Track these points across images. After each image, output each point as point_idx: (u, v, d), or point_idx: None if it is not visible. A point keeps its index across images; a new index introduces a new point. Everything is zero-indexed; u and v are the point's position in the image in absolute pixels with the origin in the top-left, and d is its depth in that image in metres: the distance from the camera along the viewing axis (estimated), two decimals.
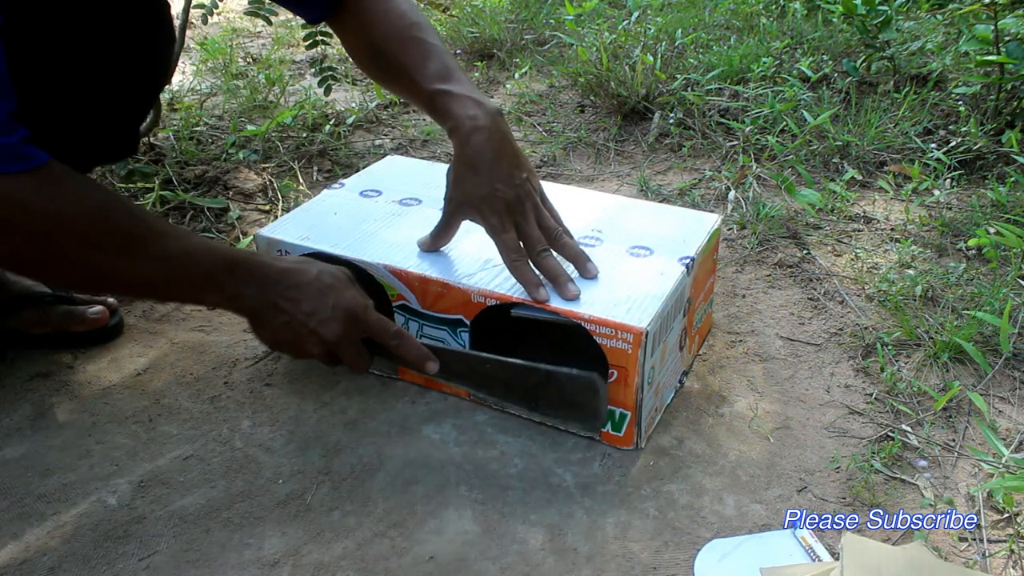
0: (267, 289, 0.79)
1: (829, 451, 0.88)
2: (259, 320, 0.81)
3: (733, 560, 0.75)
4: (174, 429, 0.93)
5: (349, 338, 0.81)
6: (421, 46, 0.91)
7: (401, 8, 0.94)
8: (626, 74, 1.74)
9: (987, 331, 1.02)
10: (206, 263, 0.77)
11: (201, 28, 2.52)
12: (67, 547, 0.78)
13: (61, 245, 0.71)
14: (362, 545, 0.78)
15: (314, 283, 0.80)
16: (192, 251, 0.77)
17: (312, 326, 0.79)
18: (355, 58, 1.00)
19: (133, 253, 0.74)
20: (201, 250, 0.77)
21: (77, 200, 0.72)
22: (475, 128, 0.85)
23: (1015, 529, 0.78)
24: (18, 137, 0.68)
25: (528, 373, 0.83)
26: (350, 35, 0.98)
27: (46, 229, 0.70)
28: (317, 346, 0.80)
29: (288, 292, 0.79)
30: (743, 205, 1.39)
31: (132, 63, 0.87)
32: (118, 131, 0.93)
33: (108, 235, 0.73)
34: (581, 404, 0.83)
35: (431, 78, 0.89)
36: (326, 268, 0.82)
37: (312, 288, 0.79)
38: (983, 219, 1.27)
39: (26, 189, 0.68)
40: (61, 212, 0.70)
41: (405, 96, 0.96)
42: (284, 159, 1.59)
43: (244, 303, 0.80)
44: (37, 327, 1.04)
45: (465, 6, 2.39)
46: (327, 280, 0.81)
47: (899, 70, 1.75)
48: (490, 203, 0.86)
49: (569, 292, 0.85)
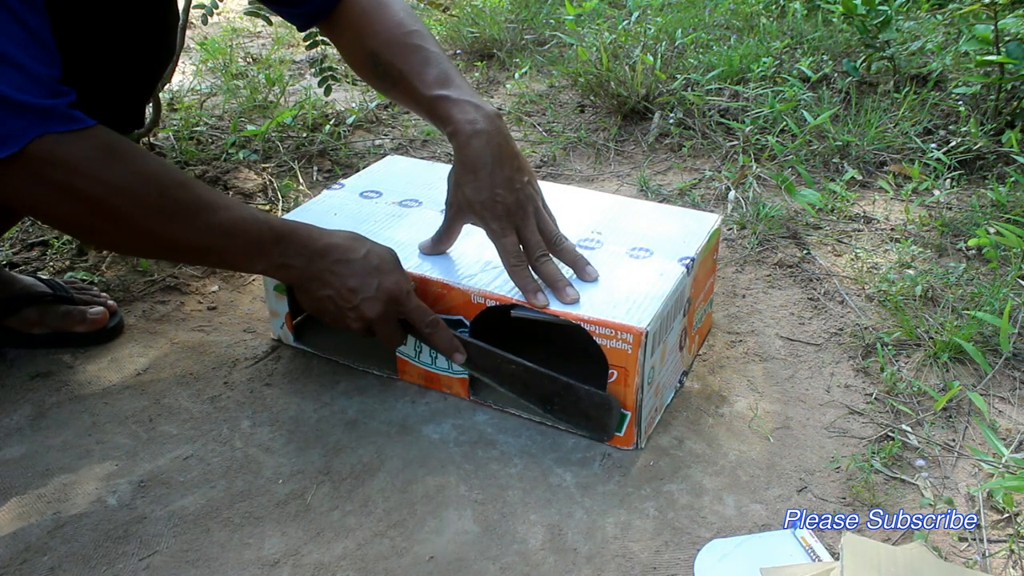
0: (313, 262, 0.84)
1: (829, 451, 0.88)
2: (303, 289, 0.86)
3: (733, 560, 0.75)
4: (174, 429, 0.93)
5: (387, 318, 0.86)
6: (420, 53, 0.92)
7: (399, 16, 0.94)
8: (626, 74, 1.75)
9: (987, 331, 1.02)
10: (255, 233, 0.81)
11: (201, 28, 2.51)
12: (67, 547, 0.78)
13: (117, 210, 0.74)
14: (362, 545, 0.78)
15: (362, 262, 0.84)
16: (242, 221, 0.81)
17: (355, 303, 0.84)
18: (353, 66, 1.00)
19: (186, 222, 0.78)
20: (250, 220, 0.81)
21: (133, 167, 0.75)
22: (475, 132, 0.86)
23: (1015, 529, 0.78)
24: (65, 101, 0.71)
25: (549, 380, 0.87)
26: (347, 43, 0.99)
27: (104, 194, 0.73)
28: (356, 321, 0.85)
29: (335, 267, 0.84)
30: (743, 205, 1.39)
31: (142, 36, 0.90)
32: (127, 103, 0.95)
33: (162, 202, 0.76)
34: (593, 418, 0.87)
35: (431, 84, 0.90)
36: (375, 248, 0.86)
37: (359, 266, 0.84)
38: (983, 219, 1.27)
39: (82, 154, 0.71)
40: (118, 178, 0.73)
41: (405, 103, 0.96)
42: (284, 159, 1.59)
43: (290, 273, 0.84)
44: (37, 327, 1.04)
45: (465, 6, 2.39)
46: (374, 261, 0.85)
47: (899, 70, 1.75)
48: (491, 207, 0.86)
49: (568, 296, 0.86)
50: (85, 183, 0.72)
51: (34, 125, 0.68)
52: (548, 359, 0.89)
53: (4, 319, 1.04)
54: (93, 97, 0.82)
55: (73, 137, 0.71)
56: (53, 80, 0.70)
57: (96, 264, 1.24)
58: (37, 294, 1.05)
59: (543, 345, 0.94)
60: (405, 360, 0.98)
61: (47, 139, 0.69)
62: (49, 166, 0.70)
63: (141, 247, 0.85)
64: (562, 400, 0.87)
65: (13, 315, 1.04)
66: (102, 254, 1.26)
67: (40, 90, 0.69)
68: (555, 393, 0.87)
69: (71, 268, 1.23)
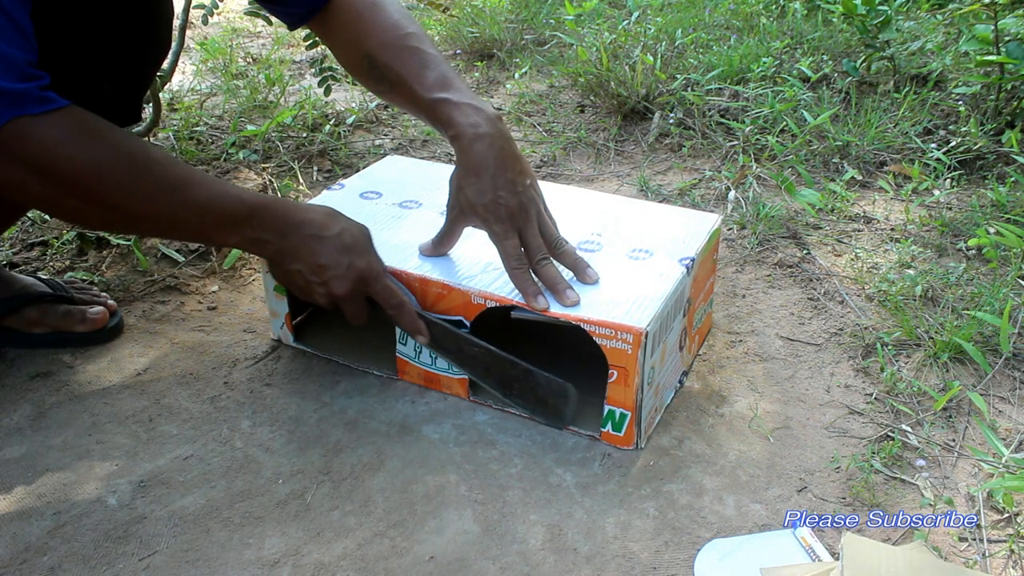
0: (286, 236, 0.85)
1: (829, 451, 0.88)
2: (275, 262, 0.87)
3: (733, 560, 0.75)
4: (174, 429, 0.93)
5: (354, 296, 0.87)
6: (417, 55, 0.92)
7: (394, 18, 0.94)
8: (626, 74, 1.75)
9: (987, 331, 1.02)
10: (229, 208, 0.82)
11: (201, 28, 2.52)
12: (67, 547, 0.78)
13: (91, 187, 0.75)
14: (362, 545, 0.78)
15: (335, 240, 0.85)
16: (216, 197, 0.81)
17: (324, 279, 0.85)
18: (349, 69, 1.00)
19: (160, 197, 0.78)
20: (224, 195, 0.82)
21: (106, 144, 0.76)
22: (477, 136, 0.86)
23: (1015, 529, 0.78)
24: (38, 84, 0.71)
25: (509, 365, 0.88)
26: (341, 45, 0.98)
27: (78, 171, 0.74)
28: (324, 297, 0.87)
29: (308, 242, 0.85)
30: (743, 205, 1.39)
31: (129, 25, 0.91)
32: (121, 96, 0.96)
33: (136, 179, 0.77)
34: (550, 405, 0.89)
35: (430, 87, 0.90)
36: (349, 227, 0.87)
37: (332, 244, 0.85)
38: (983, 219, 1.27)
39: (56, 133, 0.72)
40: (92, 156, 0.74)
41: (403, 106, 0.96)
42: (284, 159, 1.59)
43: (264, 247, 0.85)
44: (37, 326, 1.04)
45: (465, 6, 2.39)
46: (347, 240, 0.86)
47: (899, 70, 1.75)
48: (494, 210, 0.86)
49: (568, 299, 0.86)
50: (59, 162, 0.73)
51: (8, 109, 0.69)
52: (548, 359, 0.89)
53: (4, 319, 1.04)
54: (81, 86, 0.83)
55: (47, 118, 0.71)
56: (29, 65, 0.71)
57: (96, 264, 1.24)
58: (37, 294, 1.05)
59: (543, 345, 0.94)
60: (405, 360, 0.98)
61: (21, 121, 0.70)
62: (24, 147, 0.71)
63: (117, 223, 0.86)
64: (521, 385, 0.89)
65: (13, 314, 1.04)
66: (102, 254, 1.26)
67: (13, 75, 0.70)
68: (515, 378, 0.89)
69: (71, 268, 1.23)
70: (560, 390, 0.87)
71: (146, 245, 1.28)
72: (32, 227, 1.33)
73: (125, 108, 0.97)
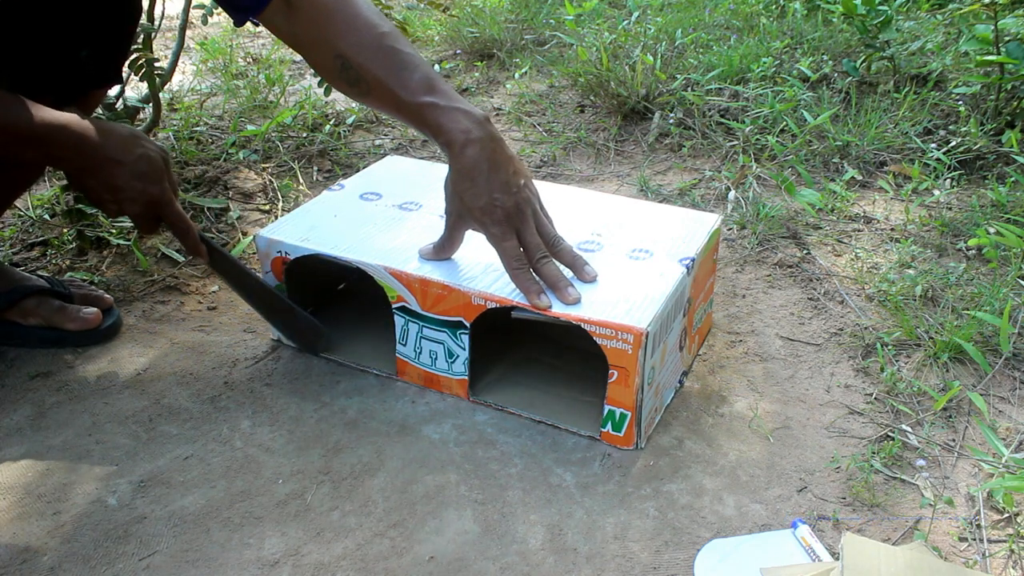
0: (85, 157, 0.87)
1: (829, 451, 0.88)
2: (75, 178, 0.91)
3: (733, 560, 0.75)
4: (174, 429, 0.93)
5: (144, 217, 0.92)
6: (397, 56, 0.89)
7: (367, 16, 0.90)
8: (626, 74, 1.75)
9: (987, 331, 1.02)
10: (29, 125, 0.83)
11: (201, 28, 2.52)
12: (67, 547, 0.78)
13: None
14: (362, 545, 0.78)
15: (131, 165, 0.89)
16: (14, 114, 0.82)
17: (117, 199, 0.90)
18: (318, 69, 0.97)
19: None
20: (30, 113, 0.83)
21: None
22: (469, 141, 0.85)
23: (1015, 529, 0.78)
24: None
25: (277, 300, 1.01)
26: (310, 45, 0.93)
27: None
28: (115, 213, 0.92)
29: (105, 165, 0.88)
30: (743, 205, 1.39)
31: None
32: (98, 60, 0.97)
33: None
34: (307, 337, 1.04)
35: (415, 91, 0.88)
36: (147, 152, 0.90)
37: (128, 170, 0.89)
38: (983, 219, 1.27)
39: None
40: None
41: (383, 109, 0.93)
42: (284, 159, 1.59)
43: (63, 164, 0.90)
44: (31, 316, 1.06)
45: (465, 6, 2.39)
46: (143, 167, 0.89)
47: (899, 70, 1.75)
48: (490, 213, 0.86)
49: (569, 297, 0.86)
50: None
51: None
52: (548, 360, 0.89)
53: (5, 312, 1.04)
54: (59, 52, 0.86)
55: None
56: None
57: (96, 264, 1.24)
58: (35, 286, 1.06)
59: (545, 344, 0.94)
60: (405, 360, 0.98)
61: None
62: None
63: None
64: (284, 316, 1.03)
65: (13, 308, 1.05)
66: (102, 254, 1.26)
67: None
68: (281, 310, 1.02)
69: (71, 268, 1.23)
70: (314, 328, 1.02)
71: (146, 245, 1.28)
72: (32, 227, 1.33)
73: (104, 71, 0.99)
